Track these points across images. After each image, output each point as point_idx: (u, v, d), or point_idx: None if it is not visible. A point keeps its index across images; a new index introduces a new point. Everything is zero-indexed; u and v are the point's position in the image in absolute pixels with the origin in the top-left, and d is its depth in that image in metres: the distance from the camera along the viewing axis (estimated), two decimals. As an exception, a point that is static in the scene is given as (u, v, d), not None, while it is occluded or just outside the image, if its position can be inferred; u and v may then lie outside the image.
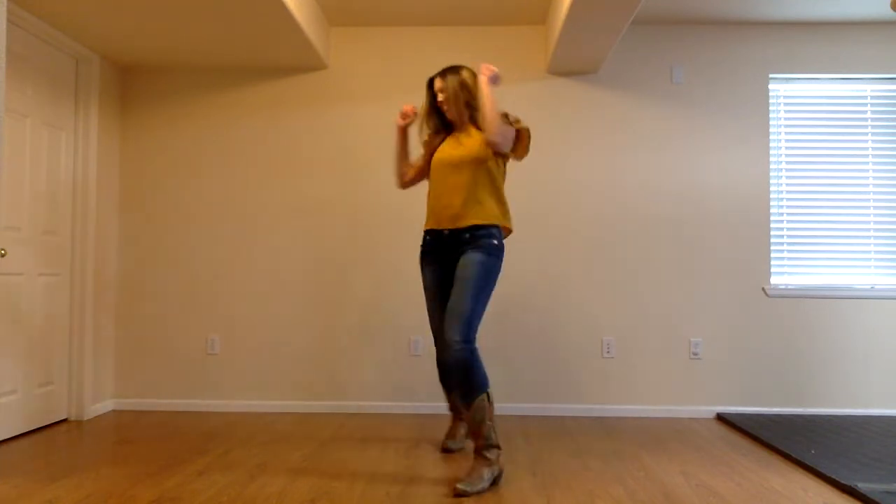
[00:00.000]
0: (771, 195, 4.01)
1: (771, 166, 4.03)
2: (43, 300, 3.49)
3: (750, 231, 3.97)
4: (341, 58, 4.08)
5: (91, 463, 2.82)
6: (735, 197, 3.98)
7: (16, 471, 2.71)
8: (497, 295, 3.94)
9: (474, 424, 2.56)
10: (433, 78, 2.86)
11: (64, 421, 3.66)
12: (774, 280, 3.99)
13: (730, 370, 3.94)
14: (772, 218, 4.01)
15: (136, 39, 3.62)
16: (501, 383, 3.94)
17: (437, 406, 3.92)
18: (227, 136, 4.08)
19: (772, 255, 4.00)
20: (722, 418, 3.81)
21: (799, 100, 4.07)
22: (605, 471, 2.78)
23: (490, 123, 2.62)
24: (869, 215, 4.01)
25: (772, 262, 4.00)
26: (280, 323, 4.01)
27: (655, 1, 3.73)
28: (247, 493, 2.43)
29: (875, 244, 4.00)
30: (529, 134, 2.75)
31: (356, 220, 4.02)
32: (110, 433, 3.39)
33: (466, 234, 2.68)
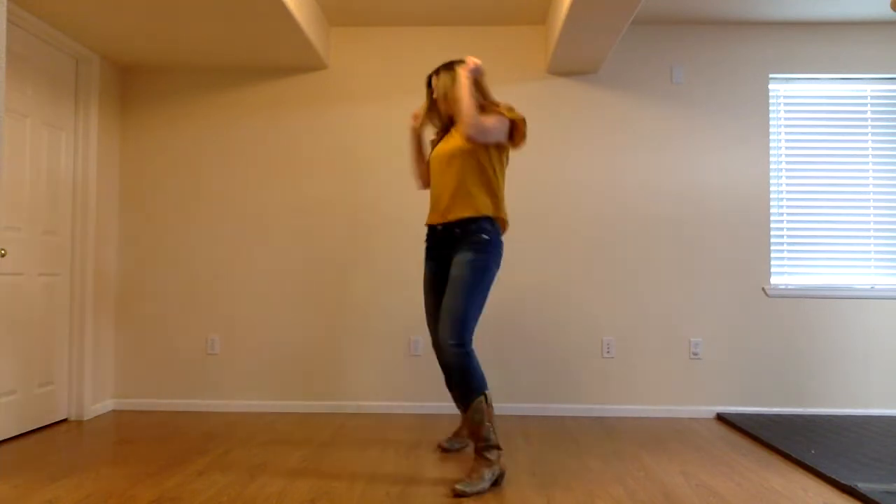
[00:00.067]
0: (771, 195, 4.01)
1: (771, 166, 4.03)
2: (43, 300, 3.49)
3: (750, 231, 3.97)
4: (341, 58, 4.08)
5: (91, 463, 2.82)
6: (735, 197, 3.98)
7: (16, 471, 2.71)
8: (497, 295, 3.95)
9: (473, 426, 2.56)
10: (431, 75, 2.87)
11: (64, 421, 3.66)
12: (774, 280, 3.99)
13: (730, 370, 3.94)
14: (772, 218, 4.01)
15: (136, 39, 3.62)
16: (501, 383, 3.95)
17: (437, 406, 3.92)
18: (227, 136, 4.08)
19: (772, 255, 4.00)
20: (722, 418, 3.81)
21: (799, 100, 4.07)
22: (605, 471, 2.78)
23: (463, 116, 2.61)
24: (869, 215, 4.01)
25: (772, 262, 4.00)
26: (280, 323, 4.01)
27: (655, 1, 3.73)
28: (247, 493, 2.43)
29: (875, 244, 4.00)
30: (524, 122, 2.73)
31: (356, 220, 4.02)
32: (110, 433, 3.39)
33: (457, 230, 2.68)
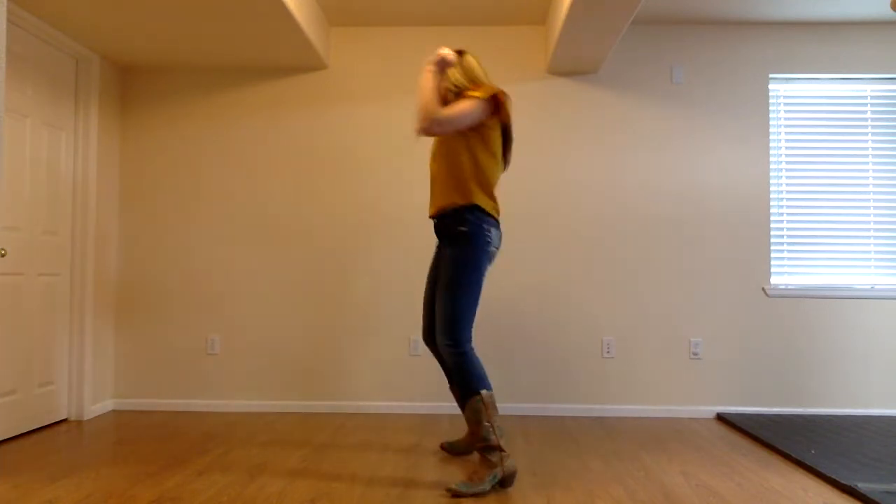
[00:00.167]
0: (771, 195, 4.01)
1: (771, 166, 4.03)
2: (43, 300, 3.48)
3: (750, 231, 3.97)
4: (341, 58, 4.08)
5: (91, 463, 2.82)
6: (735, 197, 3.98)
7: (16, 471, 2.71)
8: (497, 295, 3.95)
9: (471, 424, 2.56)
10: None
11: (64, 421, 3.66)
12: (774, 280, 3.99)
13: (730, 370, 3.94)
14: (772, 218, 4.01)
15: (136, 39, 3.62)
16: (501, 383, 3.94)
17: (437, 406, 3.92)
18: (227, 136, 4.08)
19: (772, 255, 4.00)
20: (722, 418, 3.80)
21: (799, 100, 4.07)
22: (605, 471, 2.78)
23: (418, 111, 2.59)
24: (869, 215, 4.01)
25: (772, 262, 4.00)
26: (280, 323, 4.01)
27: (655, 1, 3.73)
28: (247, 494, 2.43)
29: (875, 244, 4.00)
30: (503, 94, 2.61)
31: (356, 220, 4.02)
32: (110, 433, 3.39)
33: (442, 224, 2.66)
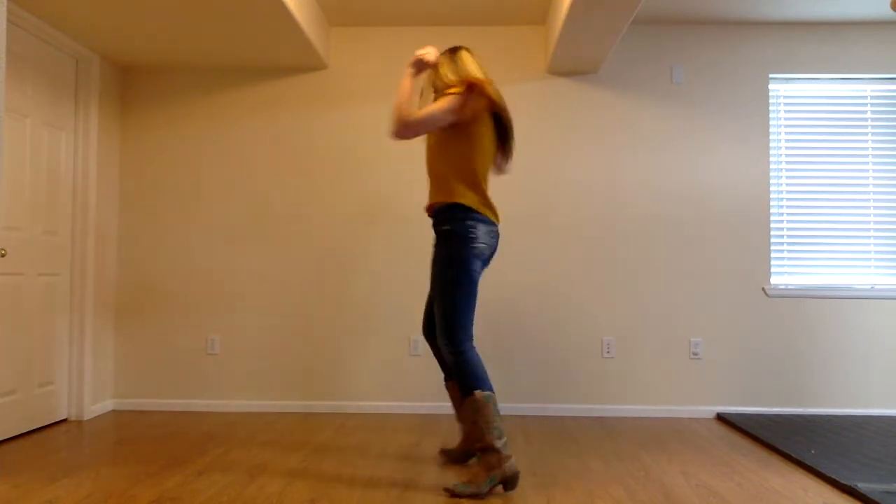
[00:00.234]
0: (771, 195, 4.01)
1: (771, 166, 4.02)
2: (43, 300, 3.49)
3: (750, 231, 3.97)
4: (341, 58, 4.08)
5: (91, 463, 2.82)
6: (735, 197, 3.98)
7: (16, 471, 2.71)
8: (497, 295, 3.95)
9: (468, 424, 2.55)
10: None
11: (64, 421, 3.66)
12: (774, 280, 3.99)
13: (730, 370, 3.94)
14: (772, 218, 4.01)
15: (136, 39, 3.62)
16: (501, 383, 3.94)
17: (437, 406, 3.92)
18: (227, 136, 4.08)
19: (772, 255, 4.00)
20: (722, 418, 3.80)
21: (799, 100, 4.07)
22: (605, 471, 2.78)
23: (391, 114, 2.55)
24: (869, 215, 4.01)
25: (772, 262, 3.99)
26: (280, 323, 4.01)
27: (655, 1, 3.73)
28: (247, 494, 2.43)
29: (875, 244, 4.00)
30: (477, 83, 2.53)
31: (356, 220, 4.02)
32: (110, 433, 3.39)
33: (433, 222, 2.65)
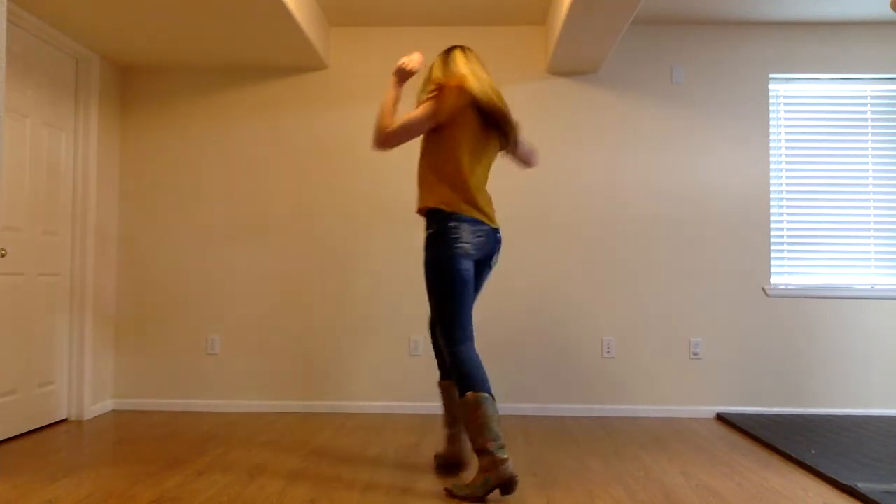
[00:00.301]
0: (771, 195, 4.01)
1: (771, 166, 4.02)
2: (43, 300, 3.48)
3: (750, 231, 3.97)
4: (341, 58, 4.08)
5: (91, 463, 2.82)
6: (735, 197, 3.98)
7: (16, 471, 2.71)
8: (497, 295, 3.94)
9: (462, 425, 2.53)
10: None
11: (64, 421, 3.66)
12: (774, 280, 3.99)
13: (730, 370, 3.94)
14: (772, 218, 4.01)
15: (136, 39, 3.62)
16: (501, 383, 3.94)
17: (437, 406, 3.92)
18: (227, 136, 4.08)
19: (772, 255, 4.00)
20: (722, 418, 3.80)
21: (799, 100, 4.07)
22: (605, 471, 2.78)
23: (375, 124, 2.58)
24: (869, 215, 4.01)
25: (772, 262, 3.99)
26: (280, 323, 4.01)
27: (655, 1, 3.73)
28: (246, 494, 2.43)
29: (875, 244, 4.00)
30: (449, 83, 2.54)
31: (356, 220, 4.02)
32: (110, 433, 3.39)
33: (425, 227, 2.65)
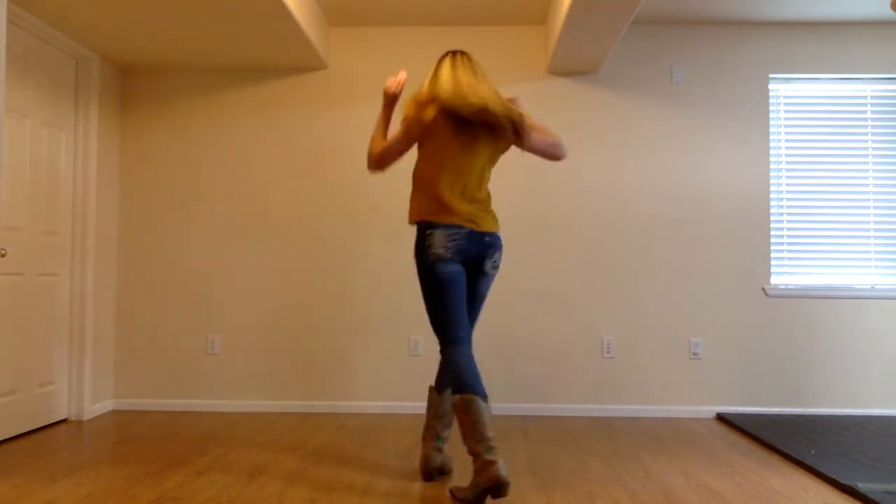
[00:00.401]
0: (771, 195, 4.01)
1: (771, 166, 4.02)
2: (43, 300, 3.48)
3: (750, 231, 3.97)
4: (341, 58, 4.08)
5: (91, 463, 2.82)
6: (735, 197, 3.98)
7: (16, 471, 2.71)
8: (497, 295, 3.94)
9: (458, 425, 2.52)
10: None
11: (64, 421, 3.66)
12: (774, 280, 3.99)
13: (730, 370, 3.94)
14: (772, 218, 4.01)
15: (136, 39, 3.62)
16: (501, 383, 3.94)
17: (437, 406, 3.91)
18: (227, 136, 4.08)
19: (772, 255, 3.99)
20: (722, 418, 3.80)
21: (799, 100, 4.07)
22: (605, 471, 2.78)
23: None
24: (869, 215, 4.01)
25: (772, 262, 3.99)
26: (280, 323, 4.01)
27: (655, 1, 3.73)
28: (246, 494, 2.43)
29: (875, 244, 4.00)
30: (405, 106, 2.63)
31: (356, 220, 4.02)
32: (110, 433, 3.39)
33: None
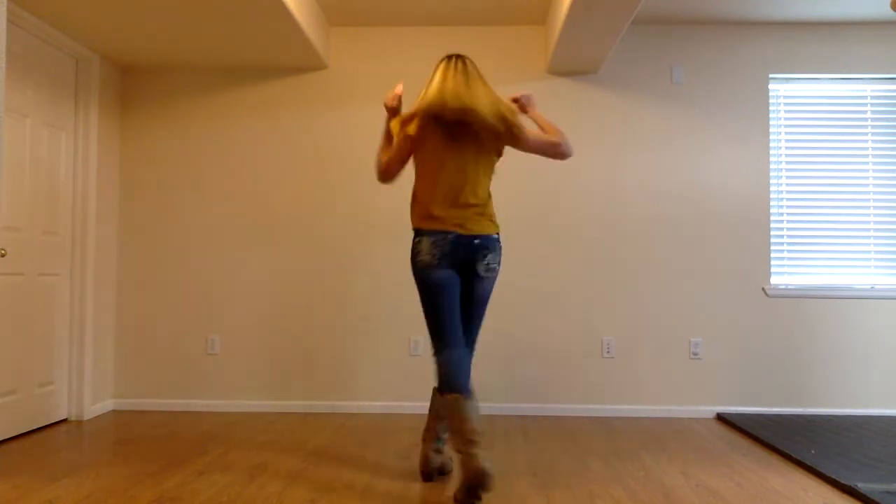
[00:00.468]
0: (771, 195, 4.01)
1: (771, 166, 4.02)
2: (43, 300, 3.48)
3: (750, 231, 3.97)
4: (341, 58, 4.08)
5: (91, 463, 2.82)
6: (735, 197, 3.98)
7: (16, 471, 2.71)
8: (497, 294, 3.94)
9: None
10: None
11: (64, 421, 3.66)
12: (774, 280, 3.99)
13: (730, 370, 3.94)
14: (772, 218, 4.01)
15: (136, 39, 3.62)
16: (501, 383, 3.94)
17: (437, 406, 3.92)
18: (227, 136, 4.08)
19: (772, 255, 3.99)
20: (722, 418, 3.80)
21: (799, 100, 4.07)
22: (605, 471, 2.78)
23: None
24: (869, 215, 4.01)
25: (772, 262, 3.99)
26: (280, 323, 4.01)
27: (655, 1, 3.73)
28: (246, 494, 2.43)
29: (875, 244, 4.00)
30: (391, 128, 2.64)
31: (356, 220, 4.02)
32: (110, 433, 3.39)
33: None
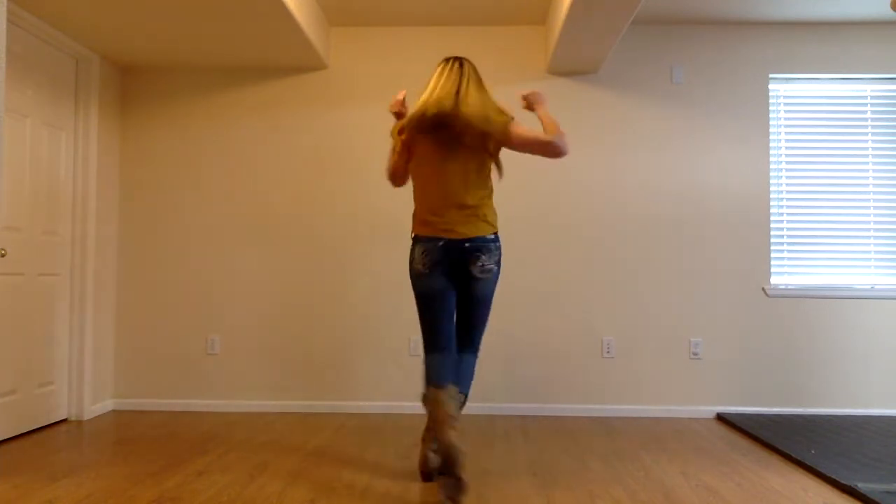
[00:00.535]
0: (771, 195, 4.01)
1: (771, 166, 4.02)
2: (43, 300, 3.48)
3: (750, 231, 3.97)
4: (341, 58, 4.08)
5: (91, 463, 2.82)
6: (735, 197, 3.98)
7: (16, 471, 2.71)
8: (497, 294, 3.91)
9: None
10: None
11: (64, 421, 3.66)
12: (774, 280, 3.99)
13: (730, 370, 3.94)
14: (772, 218, 4.01)
15: (136, 39, 3.62)
16: (501, 383, 3.94)
17: (437, 406, 3.92)
18: (227, 136, 4.08)
19: (772, 255, 3.99)
20: (722, 418, 3.80)
21: (799, 100, 4.07)
22: (605, 471, 2.78)
23: None
24: (869, 215, 4.01)
25: (772, 262, 3.99)
26: (280, 323, 4.01)
27: (655, 1, 3.73)
28: (246, 494, 2.43)
29: (875, 244, 4.00)
30: (392, 134, 2.69)
31: (356, 220, 4.02)
32: (110, 433, 3.39)
33: None
